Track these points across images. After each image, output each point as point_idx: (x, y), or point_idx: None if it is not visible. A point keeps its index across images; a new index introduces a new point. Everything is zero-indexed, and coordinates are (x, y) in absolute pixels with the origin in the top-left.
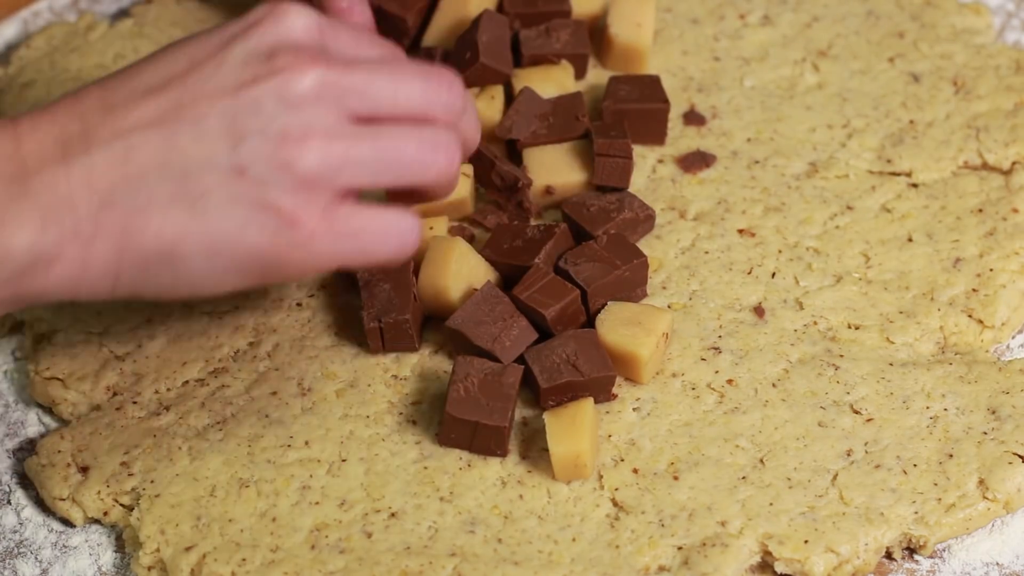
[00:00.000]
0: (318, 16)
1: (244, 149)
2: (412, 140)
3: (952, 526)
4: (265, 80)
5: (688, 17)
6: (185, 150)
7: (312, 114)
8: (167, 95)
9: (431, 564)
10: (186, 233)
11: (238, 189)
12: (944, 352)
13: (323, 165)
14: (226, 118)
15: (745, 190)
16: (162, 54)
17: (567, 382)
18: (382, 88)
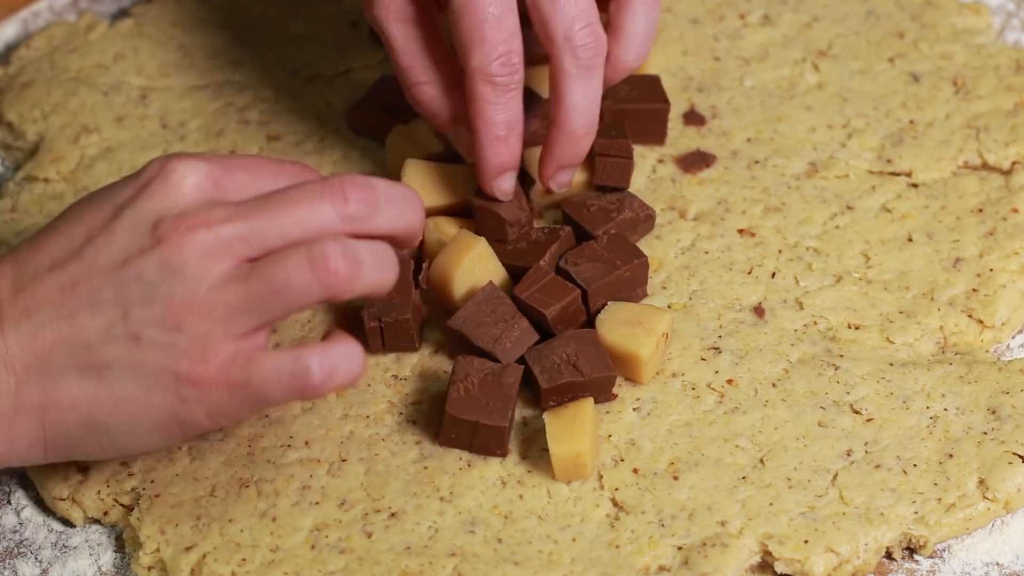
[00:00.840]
0: (208, 165)
1: (134, 318)
2: (296, 265)
3: (952, 526)
4: (149, 252)
5: (688, 17)
6: (84, 325)
7: (195, 276)
8: (66, 270)
9: (431, 564)
10: (99, 403)
11: (137, 356)
12: (944, 352)
13: (209, 324)
14: (115, 290)
15: (745, 190)
16: (65, 222)
17: (568, 382)
18: (268, 228)
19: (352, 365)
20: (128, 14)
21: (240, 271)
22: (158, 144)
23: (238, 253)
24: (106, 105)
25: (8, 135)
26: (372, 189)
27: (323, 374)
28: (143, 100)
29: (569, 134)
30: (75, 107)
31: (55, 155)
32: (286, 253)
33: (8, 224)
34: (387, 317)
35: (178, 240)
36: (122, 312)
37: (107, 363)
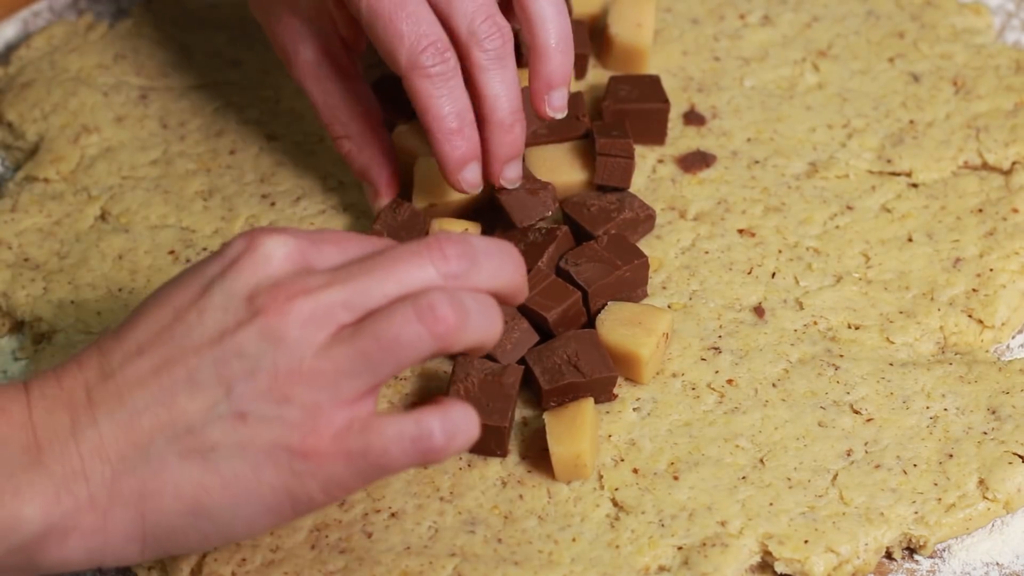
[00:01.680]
0: (295, 239)
1: (238, 394)
2: (403, 318)
3: (952, 526)
4: (248, 324)
5: (688, 17)
6: (184, 407)
7: (298, 344)
8: (157, 352)
9: (431, 564)
10: (205, 488)
11: (244, 435)
12: (944, 352)
13: (318, 393)
14: (215, 368)
15: (745, 190)
16: (149, 307)
17: (569, 383)
18: (368, 289)
19: (471, 427)
20: (128, 14)
21: (344, 335)
22: (158, 144)
23: (340, 319)
24: (106, 105)
25: (8, 135)
26: (470, 245)
27: (445, 436)
28: (143, 100)
29: (498, 125)
30: (75, 107)
31: (55, 155)
32: (391, 308)
33: (8, 224)
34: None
35: (277, 309)
36: (224, 389)
37: (212, 445)
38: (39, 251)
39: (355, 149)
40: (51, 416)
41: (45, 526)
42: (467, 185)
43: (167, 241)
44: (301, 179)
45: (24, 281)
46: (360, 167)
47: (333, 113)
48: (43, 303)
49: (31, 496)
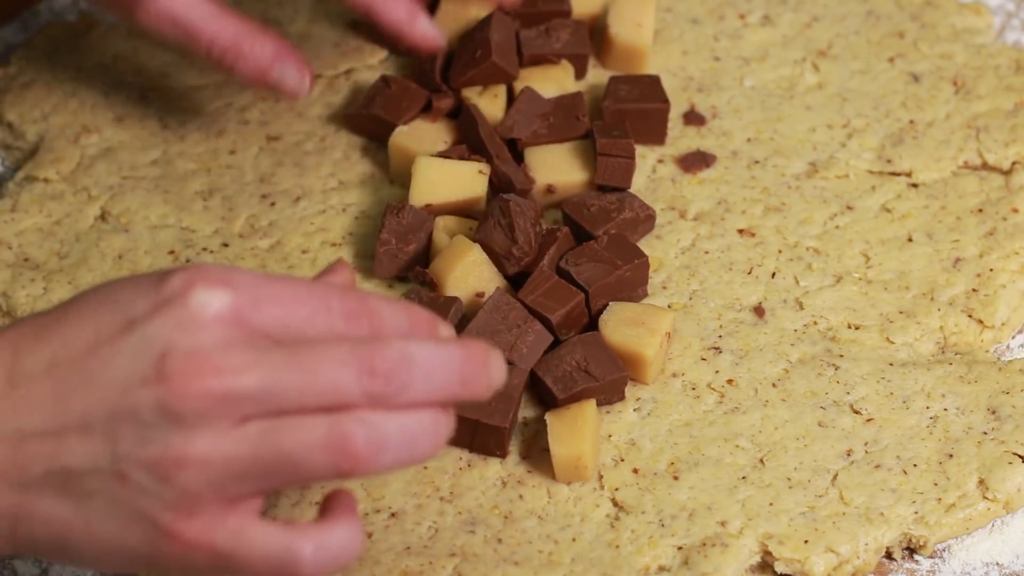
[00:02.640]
0: (234, 296)
1: (123, 455)
2: (311, 442)
3: (952, 526)
4: (151, 387)
5: (688, 17)
6: (72, 448)
7: (194, 427)
8: (64, 381)
9: (431, 564)
10: (71, 528)
11: (120, 494)
12: (944, 352)
13: (202, 482)
14: (110, 421)
15: (745, 190)
16: (74, 316)
17: (583, 389)
18: (286, 391)
19: (348, 553)
20: None
21: (248, 432)
22: (158, 144)
23: (247, 411)
24: (106, 105)
25: (8, 135)
26: (407, 361)
27: (314, 566)
28: (143, 100)
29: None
30: (75, 107)
31: (55, 155)
32: (303, 424)
33: (8, 224)
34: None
35: (183, 385)
36: (112, 446)
37: (88, 493)
38: (39, 251)
39: (255, 44)
40: None
41: None
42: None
43: (167, 241)
44: (301, 179)
45: (24, 281)
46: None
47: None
48: (43, 303)
49: None
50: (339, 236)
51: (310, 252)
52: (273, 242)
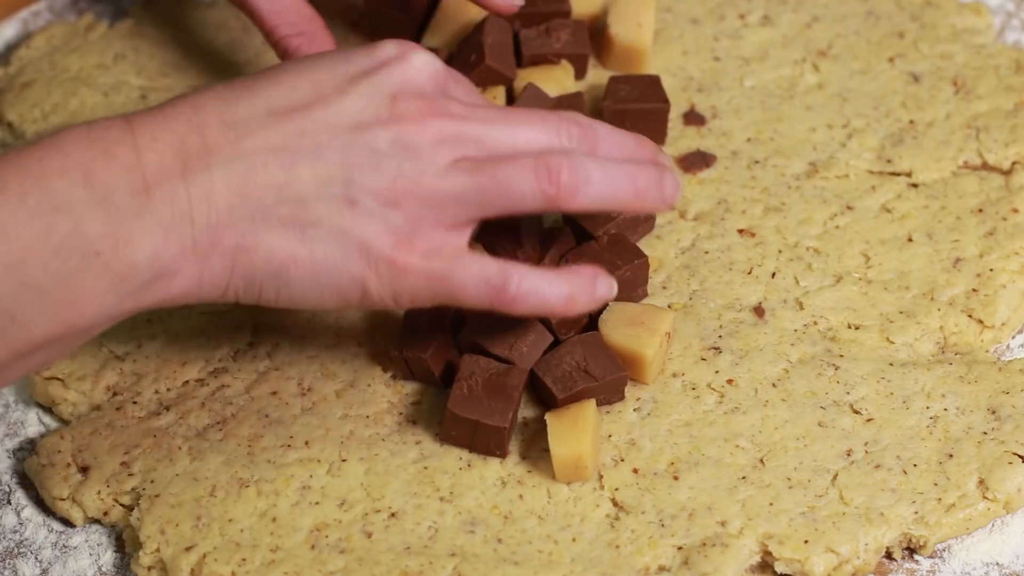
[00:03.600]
0: (442, 65)
1: (355, 182)
2: (523, 169)
3: (952, 526)
4: (386, 124)
5: (688, 17)
6: (302, 177)
7: (425, 158)
8: (290, 122)
9: (431, 564)
10: (294, 258)
11: (348, 221)
12: (944, 352)
13: (428, 203)
14: (344, 151)
15: (745, 190)
16: (285, 75)
17: (582, 388)
18: (499, 134)
19: (549, 292)
20: (128, 14)
21: (466, 165)
22: None
23: (469, 151)
24: (106, 105)
25: (8, 135)
26: (593, 130)
27: (518, 292)
28: (143, 100)
29: None
30: (75, 107)
31: None
32: (516, 157)
33: None
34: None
35: (418, 120)
36: (345, 173)
37: (315, 221)
38: None
39: (306, 43)
40: (160, 159)
41: (155, 271)
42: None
43: None
44: None
45: None
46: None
47: (280, 16)
48: None
49: (143, 243)
50: None
51: None
52: None
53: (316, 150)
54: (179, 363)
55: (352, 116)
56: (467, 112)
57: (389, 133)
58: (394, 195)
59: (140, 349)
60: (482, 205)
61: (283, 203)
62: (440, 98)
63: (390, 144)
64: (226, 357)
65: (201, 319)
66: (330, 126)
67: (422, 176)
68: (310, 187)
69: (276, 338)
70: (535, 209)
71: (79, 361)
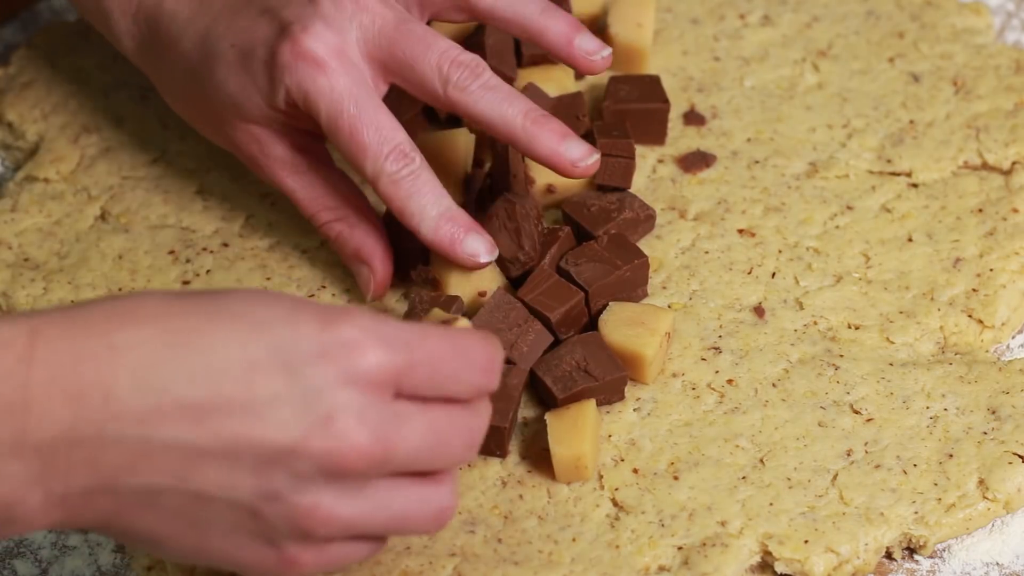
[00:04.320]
0: (392, 355)
1: (268, 501)
2: (426, 509)
3: (952, 526)
4: (316, 440)
5: (688, 17)
6: (208, 476)
7: (346, 490)
8: (210, 418)
9: (431, 564)
10: (176, 539)
11: (247, 525)
12: (944, 352)
13: (335, 534)
14: (263, 462)
15: (745, 190)
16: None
17: (582, 388)
18: (423, 458)
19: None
20: None
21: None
22: (158, 144)
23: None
24: (106, 105)
25: (8, 135)
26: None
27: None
28: (143, 100)
29: (523, 131)
30: (75, 107)
31: (55, 155)
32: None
33: (8, 224)
34: None
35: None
36: (259, 485)
37: (210, 518)
38: (39, 251)
39: (347, 229)
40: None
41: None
42: (471, 258)
43: (167, 241)
44: None
45: (24, 281)
46: (354, 247)
47: (319, 201)
48: (43, 303)
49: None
50: None
51: (310, 252)
52: (273, 242)
53: (228, 451)
54: None
55: (280, 422)
56: (401, 434)
57: (316, 455)
58: (308, 522)
59: None
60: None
61: (179, 494)
62: (381, 421)
63: (315, 468)
64: None
65: None
66: (250, 422)
67: (338, 509)
68: (215, 488)
69: None
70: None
71: None
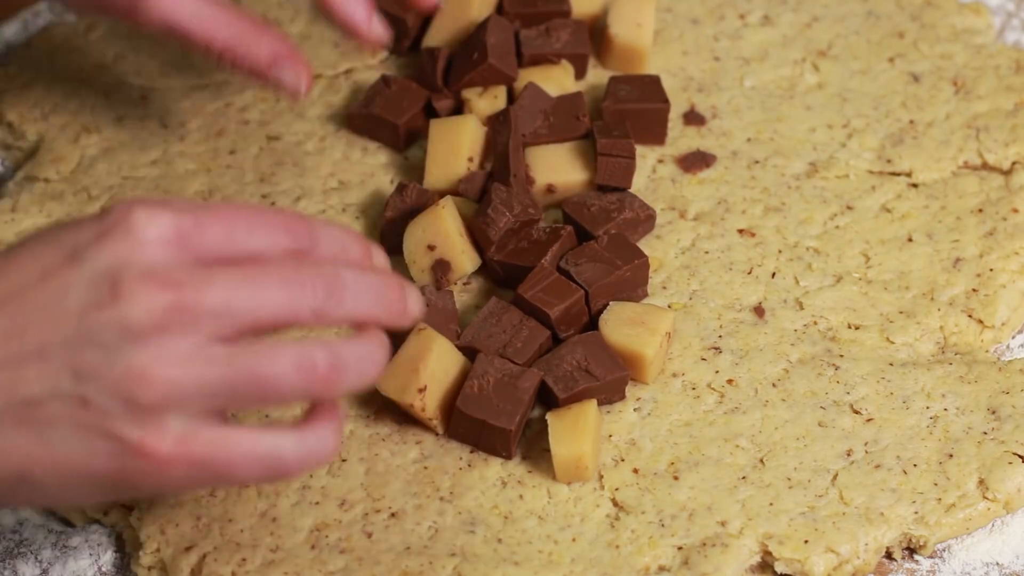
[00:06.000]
0: (176, 218)
1: (84, 380)
2: (285, 365)
3: (952, 526)
4: (108, 310)
5: (688, 17)
6: (29, 378)
7: (159, 345)
8: (15, 312)
9: (431, 564)
10: (33, 459)
11: (83, 418)
12: (944, 352)
13: (168, 397)
14: (67, 348)
15: (745, 190)
16: (16, 255)
17: (584, 388)
18: (240, 303)
19: (325, 449)
20: None
21: (215, 353)
22: (158, 144)
23: (205, 330)
24: (106, 105)
25: (8, 135)
26: (339, 280)
27: (297, 459)
28: (143, 100)
29: None
30: (75, 107)
31: (55, 155)
32: (274, 351)
33: (8, 224)
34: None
35: (142, 303)
36: (72, 372)
37: (48, 420)
38: None
39: (252, 44)
40: None
41: None
42: (378, 34)
43: None
44: (301, 179)
45: None
46: (265, 58)
47: (211, 25)
48: None
49: None
50: None
51: None
52: None
53: (40, 347)
54: None
55: (73, 304)
56: (200, 281)
57: (112, 322)
58: (128, 388)
59: None
60: (235, 399)
61: (12, 405)
62: (170, 271)
63: (114, 333)
64: None
65: None
66: (53, 317)
67: (156, 368)
68: (38, 388)
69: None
70: (293, 401)
71: None
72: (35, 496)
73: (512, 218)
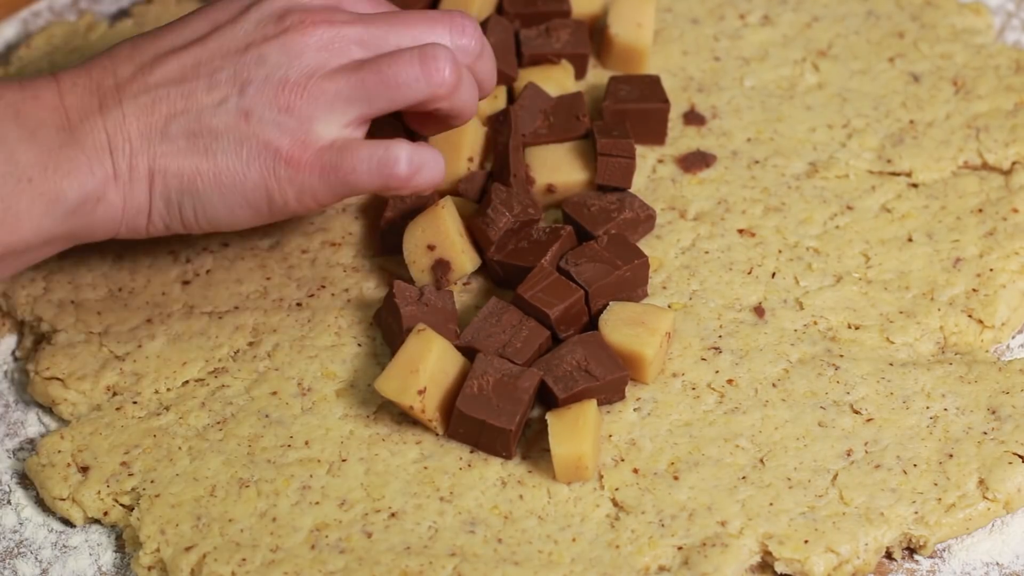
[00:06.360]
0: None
1: (248, 94)
2: (407, 61)
3: (952, 526)
4: (273, 39)
5: (688, 17)
6: (200, 99)
7: (312, 62)
8: (188, 55)
9: (431, 564)
10: (199, 172)
11: (244, 131)
12: (944, 352)
13: (318, 105)
14: (235, 70)
15: (745, 190)
16: (188, 19)
17: (584, 388)
18: (386, 36)
19: (436, 167)
20: (128, 14)
21: (352, 65)
22: None
23: (354, 53)
24: None
25: None
26: (480, 34)
27: (410, 167)
28: None
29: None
30: None
31: None
32: (398, 51)
33: None
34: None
35: (302, 30)
36: (239, 88)
37: (215, 134)
38: None
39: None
40: (81, 100)
41: (81, 196)
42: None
43: (167, 241)
44: None
45: (24, 281)
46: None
47: None
48: (43, 303)
49: (68, 170)
50: (339, 236)
51: (310, 252)
52: (273, 242)
53: (211, 75)
54: (179, 363)
55: (243, 39)
56: (352, 19)
57: (276, 46)
58: (285, 101)
59: (140, 349)
60: (370, 101)
61: (186, 123)
62: (325, 11)
63: (278, 55)
64: (226, 357)
65: (201, 319)
66: (223, 51)
67: (309, 80)
68: (208, 107)
69: (276, 338)
70: (419, 99)
71: (79, 361)
72: (200, 212)
73: (512, 218)
